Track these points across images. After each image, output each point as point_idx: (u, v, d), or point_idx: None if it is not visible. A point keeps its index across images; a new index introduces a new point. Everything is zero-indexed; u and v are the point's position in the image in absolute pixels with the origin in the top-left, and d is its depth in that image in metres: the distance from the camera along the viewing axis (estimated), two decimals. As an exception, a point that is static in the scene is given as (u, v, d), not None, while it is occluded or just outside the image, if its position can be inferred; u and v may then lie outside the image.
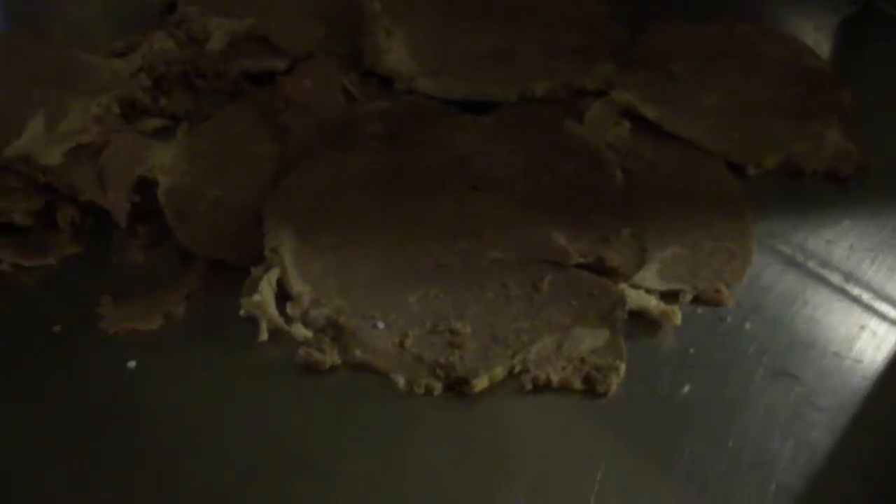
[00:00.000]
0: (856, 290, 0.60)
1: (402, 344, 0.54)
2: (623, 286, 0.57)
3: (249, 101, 0.70)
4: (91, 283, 0.60)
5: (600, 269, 0.58)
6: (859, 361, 0.56)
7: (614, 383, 0.52)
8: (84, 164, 0.62)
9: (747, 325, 0.57)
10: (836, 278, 0.61)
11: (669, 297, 0.58)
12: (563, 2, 0.79)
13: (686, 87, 0.72)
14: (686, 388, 0.53)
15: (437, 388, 0.52)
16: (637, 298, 0.56)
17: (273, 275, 0.56)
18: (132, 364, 0.55)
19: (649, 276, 0.58)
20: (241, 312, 0.55)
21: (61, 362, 0.55)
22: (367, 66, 0.71)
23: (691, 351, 0.55)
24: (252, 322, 0.55)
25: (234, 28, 0.73)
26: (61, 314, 0.58)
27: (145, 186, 0.63)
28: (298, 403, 0.52)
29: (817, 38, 0.83)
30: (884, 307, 0.59)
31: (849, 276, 0.61)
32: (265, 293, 0.55)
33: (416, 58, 0.70)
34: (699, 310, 0.58)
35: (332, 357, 0.53)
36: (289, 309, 0.55)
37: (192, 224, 0.60)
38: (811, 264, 0.61)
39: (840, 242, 0.63)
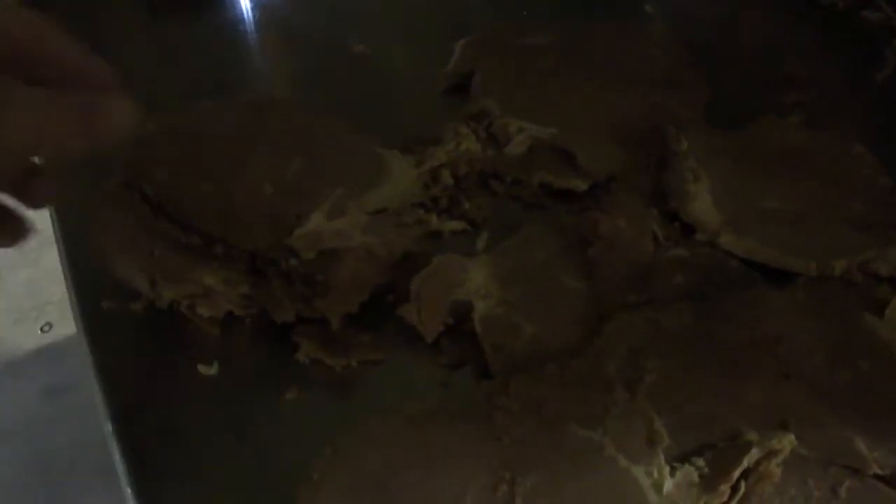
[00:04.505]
0: None
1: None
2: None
3: (552, 221, 0.69)
4: (390, 397, 0.60)
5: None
6: None
7: None
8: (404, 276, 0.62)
9: None
10: None
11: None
12: (846, 166, 0.77)
13: None
14: None
15: None
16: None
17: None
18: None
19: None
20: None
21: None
22: (672, 207, 0.70)
23: None
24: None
25: (537, 135, 0.72)
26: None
27: (456, 307, 0.62)
28: None
29: None
30: None
31: None
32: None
33: (719, 209, 0.69)
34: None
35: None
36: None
37: (509, 362, 0.60)
38: None
39: None
